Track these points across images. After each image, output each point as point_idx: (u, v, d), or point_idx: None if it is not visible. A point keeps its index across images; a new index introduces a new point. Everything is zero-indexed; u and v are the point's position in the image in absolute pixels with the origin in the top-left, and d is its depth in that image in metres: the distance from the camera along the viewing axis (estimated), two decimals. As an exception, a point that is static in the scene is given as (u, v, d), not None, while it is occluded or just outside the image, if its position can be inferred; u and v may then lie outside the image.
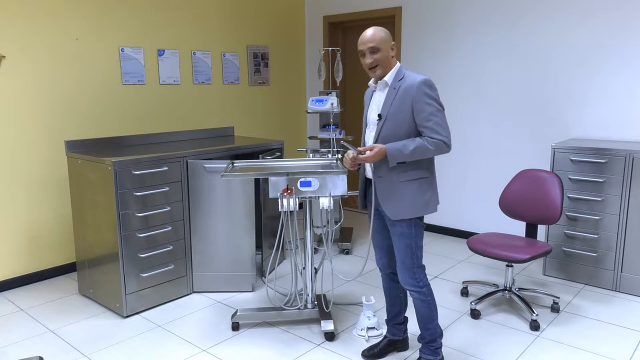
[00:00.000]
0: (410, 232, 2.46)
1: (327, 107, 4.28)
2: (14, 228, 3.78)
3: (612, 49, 3.91)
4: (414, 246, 2.48)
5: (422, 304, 2.54)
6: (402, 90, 2.39)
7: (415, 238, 2.48)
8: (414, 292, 2.53)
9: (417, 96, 2.35)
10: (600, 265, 3.70)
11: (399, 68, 2.46)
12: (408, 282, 2.52)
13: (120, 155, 3.31)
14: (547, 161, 4.32)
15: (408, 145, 2.34)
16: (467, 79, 4.70)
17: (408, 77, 2.41)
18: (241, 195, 3.57)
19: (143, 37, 4.38)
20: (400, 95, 2.39)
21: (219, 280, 3.66)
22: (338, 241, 4.61)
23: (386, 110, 2.42)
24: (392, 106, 2.40)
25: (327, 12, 5.65)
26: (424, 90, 2.35)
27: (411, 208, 2.43)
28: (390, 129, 2.41)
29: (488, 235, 3.44)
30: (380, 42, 2.40)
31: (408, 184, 2.43)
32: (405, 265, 2.50)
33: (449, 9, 4.71)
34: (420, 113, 2.36)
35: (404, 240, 2.47)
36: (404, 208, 2.43)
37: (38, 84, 3.79)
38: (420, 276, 2.52)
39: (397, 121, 2.40)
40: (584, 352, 2.86)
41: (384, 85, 2.47)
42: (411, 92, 2.36)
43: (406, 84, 2.38)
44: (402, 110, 2.38)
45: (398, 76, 2.43)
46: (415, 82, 2.36)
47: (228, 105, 5.15)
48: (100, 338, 3.06)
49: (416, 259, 2.50)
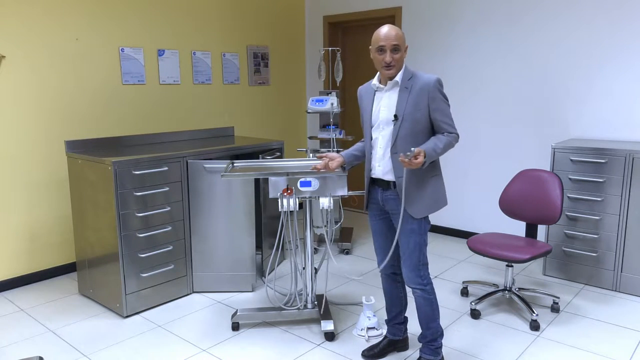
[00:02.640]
0: (420, 228, 2.49)
1: (327, 107, 4.28)
2: (14, 228, 3.78)
3: (612, 49, 3.91)
4: (422, 243, 2.50)
5: (425, 302, 2.54)
6: (416, 90, 2.40)
7: (424, 235, 2.51)
8: (418, 289, 2.53)
9: (434, 94, 2.39)
10: (600, 265, 3.70)
11: (405, 68, 2.48)
12: (413, 280, 2.52)
13: (120, 155, 3.31)
14: (547, 161, 4.32)
15: (438, 144, 2.38)
16: (467, 79, 4.70)
17: (420, 76, 2.43)
18: (241, 195, 3.57)
19: (143, 37, 4.38)
20: (416, 94, 2.40)
21: (219, 280, 3.66)
22: (338, 241, 4.61)
23: (402, 110, 2.42)
24: (408, 105, 2.41)
25: (327, 12, 5.65)
26: (439, 88, 2.41)
27: (431, 205, 2.49)
28: (407, 128, 2.42)
29: (488, 235, 3.44)
30: (402, 43, 2.42)
31: (428, 181, 2.48)
32: (412, 262, 2.50)
33: (449, 8, 4.71)
34: (438, 111, 2.41)
35: (414, 237, 2.48)
36: (426, 206, 2.48)
37: (38, 84, 3.79)
38: (425, 274, 2.53)
39: (414, 120, 2.41)
40: (583, 352, 2.86)
41: (394, 85, 2.46)
42: (427, 91, 2.39)
43: (421, 83, 2.40)
44: (418, 109, 2.40)
45: (407, 75, 2.44)
46: (430, 81, 2.40)
47: (228, 105, 5.15)
48: (100, 338, 3.06)
49: (423, 256, 2.52)
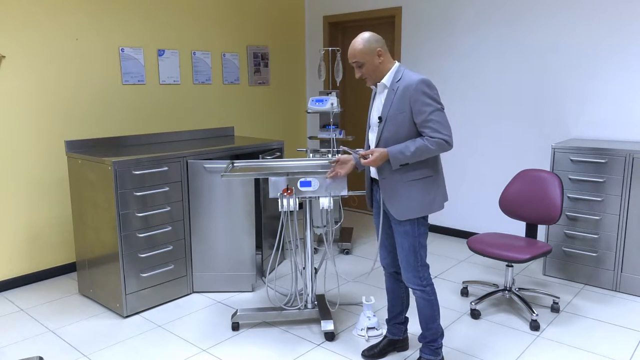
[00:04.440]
0: (414, 230, 2.46)
1: (327, 107, 4.28)
2: (14, 228, 3.78)
3: (612, 49, 3.91)
4: (417, 245, 2.48)
5: (424, 303, 2.54)
6: (399, 91, 2.36)
7: (418, 237, 2.48)
8: (418, 290, 2.53)
9: (415, 96, 2.32)
10: (600, 265, 3.70)
11: (397, 69, 2.44)
12: (412, 280, 2.52)
13: (120, 155, 3.31)
14: (547, 161, 4.32)
15: (409, 147, 2.33)
16: (467, 79, 4.70)
17: (406, 77, 2.38)
18: (241, 195, 3.57)
19: (143, 37, 4.38)
20: (399, 97, 2.36)
21: (219, 280, 3.66)
22: (338, 241, 4.61)
23: (386, 112, 2.41)
24: (392, 108, 2.39)
25: (327, 12, 5.65)
26: (421, 89, 2.32)
27: (416, 208, 2.42)
28: (391, 130, 2.40)
29: (488, 235, 3.44)
30: (362, 56, 2.38)
31: (412, 184, 2.42)
32: (409, 263, 2.50)
33: (449, 9, 4.71)
34: (419, 114, 2.34)
35: (407, 239, 2.47)
36: (408, 208, 2.42)
37: (38, 84, 3.79)
38: (424, 275, 2.52)
39: (397, 123, 2.38)
40: (583, 352, 2.86)
41: (383, 87, 2.47)
42: (408, 93, 2.33)
43: (404, 85, 2.36)
44: (401, 111, 2.36)
45: (396, 77, 2.41)
46: (412, 82, 2.33)
47: (228, 105, 5.15)
48: (100, 338, 3.06)
49: (420, 258, 2.50)
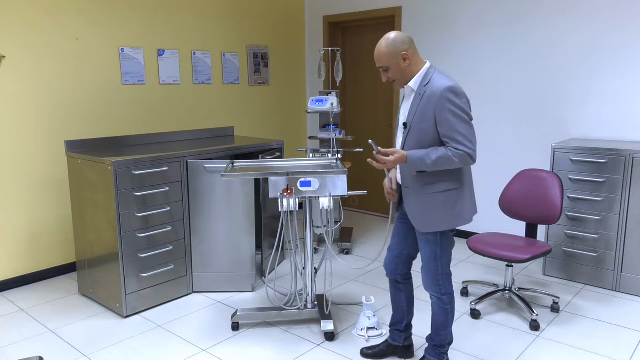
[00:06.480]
0: (436, 239, 2.39)
1: (327, 107, 4.28)
2: (14, 228, 3.78)
3: (612, 49, 3.90)
4: (438, 253, 2.41)
5: (439, 310, 2.51)
6: (425, 98, 2.25)
7: (441, 246, 2.41)
8: (435, 297, 2.49)
9: (440, 105, 2.21)
10: (600, 265, 3.70)
11: (426, 71, 2.31)
12: (430, 287, 2.48)
13: (120, 155, 3.31)
14: (547, 161, 4.32)
15: (430, 155, 2.23)
16: (467, 79, 4.70)
17: (434, 82, 2.25)
18: (241, 195, 3.57)
19: (143, 37, 4.38)
20: (424, 104, 2.26)
21: (219, 280, 3.66)
22: (338, 241, 4.61)
23: (411, 118, 2.31)
24: (416, 115, 2.28)
25: (327, 12, 5.65)
26: (447, 97, 2.20)
27: (440, 221, 2.34)
28: (414, 138, 2.31)
29: (488, 235, 3.44)
30: (387, 60, 2.29)
31: (435, 196, 2.34)
32: (429, 270, 2.45)
33: (449, 9, 4.71)
34: (443, 123, 2.22)
35: (429, 246, 2.42)
36: (432, 221, 2.35)
37: (38, 84, 3.79)
38: (443, 283, 2.46)
39: (421, 131, 2.28)
40: (584, 352, 2.86)
41: (410, 91, 2.35)
42: (434, 101, 2.22)
43: (430, 91, 2.24)
44: (425, 119, 2.26)
45: (424, 80, 2.29)
46: (439, 89, 2.21)
47: (228, 105, 5.15)
48: (100, 338, 3.06)
49: (440, 266, 2.43)
